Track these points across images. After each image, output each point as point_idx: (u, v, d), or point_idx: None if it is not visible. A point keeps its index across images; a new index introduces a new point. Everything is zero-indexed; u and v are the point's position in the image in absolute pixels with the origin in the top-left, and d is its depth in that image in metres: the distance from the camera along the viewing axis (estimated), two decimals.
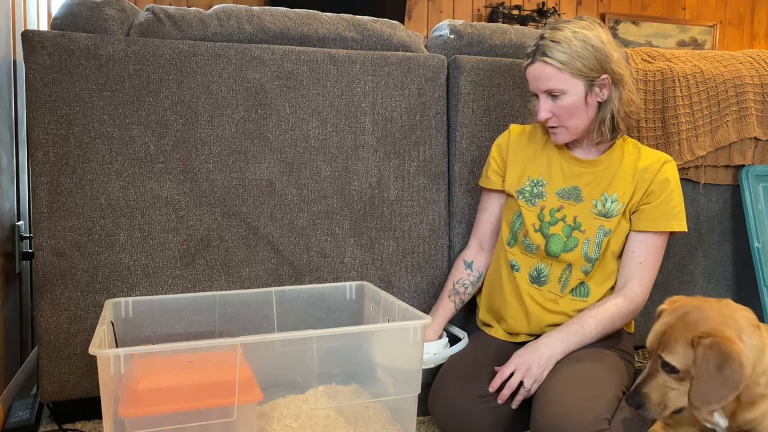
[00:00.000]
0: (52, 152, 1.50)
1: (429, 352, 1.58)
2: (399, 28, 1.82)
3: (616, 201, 1.52)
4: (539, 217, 1.56)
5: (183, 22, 1.62)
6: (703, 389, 1.09)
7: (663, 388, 1.17)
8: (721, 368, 1.08)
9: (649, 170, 1.52)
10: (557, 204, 1.55)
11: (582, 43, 1.43)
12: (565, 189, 1.56)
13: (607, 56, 1.44)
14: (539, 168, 1.59)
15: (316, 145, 1.69)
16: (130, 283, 1.57)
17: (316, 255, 1.71)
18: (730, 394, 1.08)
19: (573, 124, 1.49)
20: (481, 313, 1.70)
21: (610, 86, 1.47)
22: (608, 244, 1.52)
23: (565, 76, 1.44)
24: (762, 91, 2.07)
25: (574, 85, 1.45)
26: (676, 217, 1.51)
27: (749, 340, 1.13)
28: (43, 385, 1.54)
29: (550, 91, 1.46)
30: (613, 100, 1.48)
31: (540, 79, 1.46)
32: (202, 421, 1.21)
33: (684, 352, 1.13)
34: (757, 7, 5.26)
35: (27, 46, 1.48)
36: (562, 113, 1.47)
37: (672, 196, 1.51)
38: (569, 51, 1.43)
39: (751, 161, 2.07)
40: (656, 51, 2.11)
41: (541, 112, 1.48)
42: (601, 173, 1.54)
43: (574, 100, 1.46)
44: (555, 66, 1.43)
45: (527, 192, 1.58)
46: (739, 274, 2.10)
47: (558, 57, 1.43)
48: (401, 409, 1.41)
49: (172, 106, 1.57)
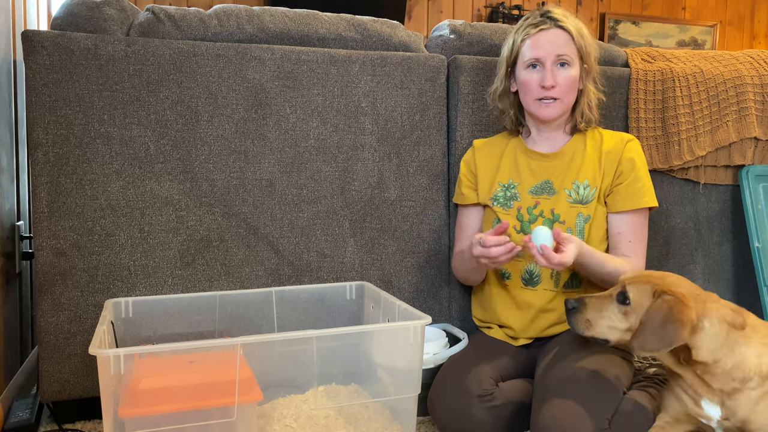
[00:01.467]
0: (52, 152, 1.50)
1: (429, 352, 1.58)
2: (399, 28, 1.82)
3: (589, 186, 1.55)
4: (518, 218, 1.58)
5: (183, 22, 1.62)
6: (644, 335, 1.19)
7: (602, 311, 1.27)
8: (664, 323, 1.17)
9: (614, 151, 1.56)
10: (532, 201, 1.58)
11: (583, 28, 1.56)
12: (537, 185, 1.59)
13: (593, 49, 1.56)
14: (507, 172, 1.62)
15: (316, 145, 1.69)
16: (130, 283, 1.57)
17: (316, 255, 1.71)
18: (663, 348, 1.17)
19: (567, 99, 1.55)
20: (477, 312, 1.70)
21: (586, 78, 1.58)
22: (590, 230, 1.54)
23: (574, 48, 1.53)
24: (762, 91, 2.07)
25: (577, 60, 1.54)
26: (648, 193, 1.55)
27: (711, 328, 1.20)
28: (43, 385, 1.54)
29: (562, 57, 1.51)
30: (586, 92, 1.58)
31: (556, 44, 1.51)
32: (202, 421, 1.21)
33: (645, 294, 1.23)
34: (757, 7, 5.26)
35: (27, 46, 1.48)
36: (565, 83, 1.52)
37: (639, 174, 1.55)
38: (578, 28, 1.54)
39: (751, 161, 2.06)
40: (656, 51, 2.11)
41: (548, 79, 1.51)
42: (568, 162, 1.58)
43: (575, 74, 1.53)
44: (572, 33, 1.52)
45: (500, 197, 1.61)
46: (739, 274, 2.10)
47: (574, 26, 1.53)
48: (401, 409, 1.41)
49: (172, 106, 1.57)
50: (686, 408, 1.27)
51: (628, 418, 1.32)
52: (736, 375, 1.20)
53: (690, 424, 1.29)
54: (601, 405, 1.31)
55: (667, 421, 1.30)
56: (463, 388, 1.42)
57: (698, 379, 1.23)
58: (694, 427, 1.30)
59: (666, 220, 2.03)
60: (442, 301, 1.83)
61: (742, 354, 1.20)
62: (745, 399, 1.20)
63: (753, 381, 1.19)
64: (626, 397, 1.38)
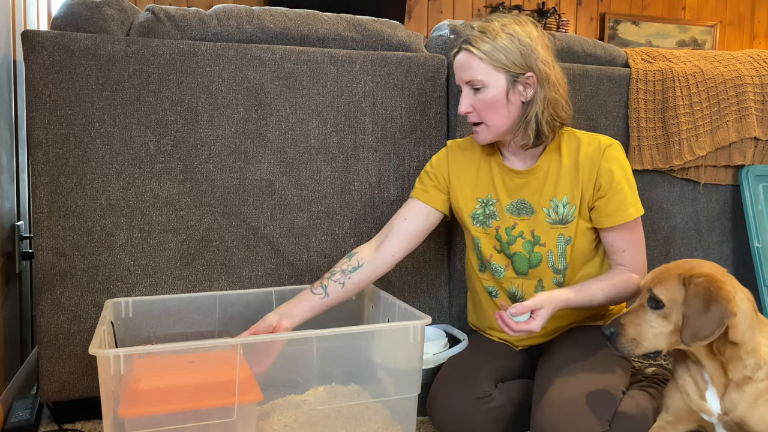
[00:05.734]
0: (52, 152, 1.50)
1: (429, 352, 1.58)
2: (399, 28, 1.82)
3: (568, 204, 1.47)
4: (497, 238, 1.52)
5: (183, 22, 1.62)
6: (692, 325, 1.14)
7: (642, 324, 1.21)
8: (708, 305, 1.13)
9: (591, 160, 1.46)
10: (511, 222, 1.51)
11: (508, 36, 1.40)
12: (512, 204, 1.51)
13: (533, 52, 1.40)
14: (485, 186, 1.54)
15: (316, 145, 1.69)
16: (130, 283, 1.57)
17: (316, 255, 1.71)
18: (718, 329, 1.13)
19: (494, 122, 1.44)
20: (472, 318, 1.71)
21: (535, 85, 1.41)
22: (572, 251, 1.49)
23: (487, 67, 1.40)
24: (762, 91, 2.07)
25: (496, 79, 1.40)
26: (632, 204, 1.45)
27: (742, 304, 1.17)
28: (43, 385, 1.54)
29: (471, 82, 1.42)
30: (537, 102, 1.42)
31: (463, 69, 1.43)
32: (202, 421, 1.21)
33: (674, 289, 1.18)
34: (757, 7, 5.26)
35: (27, 46, 1.48)
36: (482, 108, 1.43)
37: (620, 186, 1.44)
38: (493, 43, 1.39)
39: (751, 161, 2.07)
40: (656, 51, 2.12)
41: (462, 105, 1.45)
42: (543, 179, 1.49)
43: (495, 95, 1.41)
44: (477, 56, 1.40)
45: (479, 215, 1.54)
46: (739, 274, 2.10)
47: (481, 47, 1.40)
48: (401, 409, 1.41)
49: (172, 106, 1.57)
50: (690, 402, 1.26)
51: (629, 418, 1.32)
52: (748, 362, 1.18)
53: (690, 423, 1.29)
54: (601, 406, 1.30)
55: (668, 420, 1.30)
56: (462, 389, 1.42)
57: (721, 369, 1.20)
58: (695, 427, 1.30)
59: (666, 220, 2.03)
60: (442, 301, 1.83)
61: (758, 341, 1.18)
62: (750, 391, 1.19)
63: (762, 371, 1.18)
64: (626, 397, 1.38)
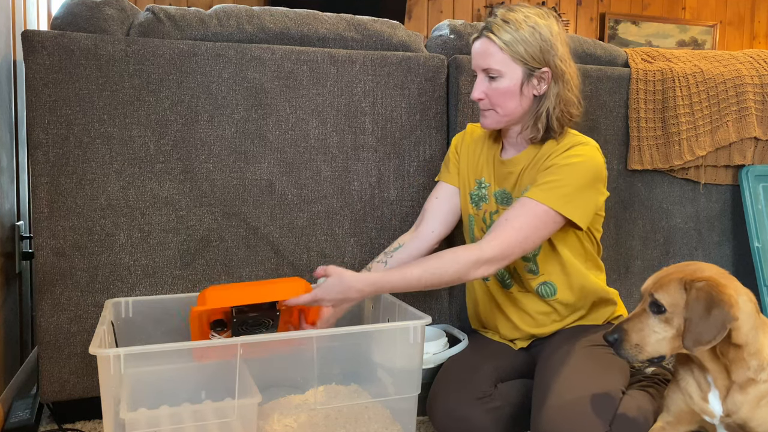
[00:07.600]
0: (52, 152, 1.50)
1: (428, 352, 1.58)
2: (399, 28, 1.82)
3: None
4: (483, 220, 1.57)
5: (183, 22, 1.62)
6: (694, 330, 1.13)
7: (645, 329, 1.20)
8: (709, 309, 1.12)
9: (558, 149, 1.45)
10: (495, 208, 1.55)
11: (531, 29, 1.40)
12: (498, 192, 1.55)
13: (552, 48, 1.41)
14: (481, 169, 1.58)
15: (316, 145, 1.69)
16: (130, 283, 1.57)
17: (316, 255, 1.71)
18: (720, 334, 1.12)
19: (503, 111, 1.44)
20: (472, 322, 1.71)
21: (549, 81, 1.42)
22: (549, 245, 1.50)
23: (506, 57, 1.41)
24: (762, 91, 2.07)
25: (512, 70, 1.41)
26: (563, 199, 1.38)
27: (745, 305, 1.16)
28: (43, 385, 1.54)
29: (488, 70, 1.43)
30: (550, 96, 1.43)
31: (481, 56, 1.44)
32: (201, 421, 1.21)
33: (675, 293, 1.17)
34: (757, 7, 5.26)
35: (27, 46, 1.47)
36: (495, 96, 1.43)
37: (564, 172, 1.40)
38: (515, 33, 1.40)
39: (751, 161, 2.06)
40: (656, 51, 2.11)
41: (475, 91, 1.45)
42: (519, 173, 1.50)
43: (509, 85, 1.42)
44: (497, 45, 1.40)
45: (476, 196, 1.58)
46: (739, 274, 2.10)
47: (502, 36, 1.40)
48: (401, 409, 1.41)
49: (172, 106, 1.57)
50: (691, 403, 1.25)
51: (629, 419, 1.32)
52: (752, 364, 1.17)
53: (691, 423, 1.29)
54: (601, 408, 1.30)
55: (669, 421, 1.29)
56: (462, 389, 1.42)
57: (724, 372, 1.20)
58: (695, 427, 1.30)
59: (666, 220, 2.03)
60: (442, 301, 1.83)
61: (761, 343, 1.18)
62: (754, 392, 1.18)
63: (765, 372, 1.17)
64: (626, 398, 1.38)
